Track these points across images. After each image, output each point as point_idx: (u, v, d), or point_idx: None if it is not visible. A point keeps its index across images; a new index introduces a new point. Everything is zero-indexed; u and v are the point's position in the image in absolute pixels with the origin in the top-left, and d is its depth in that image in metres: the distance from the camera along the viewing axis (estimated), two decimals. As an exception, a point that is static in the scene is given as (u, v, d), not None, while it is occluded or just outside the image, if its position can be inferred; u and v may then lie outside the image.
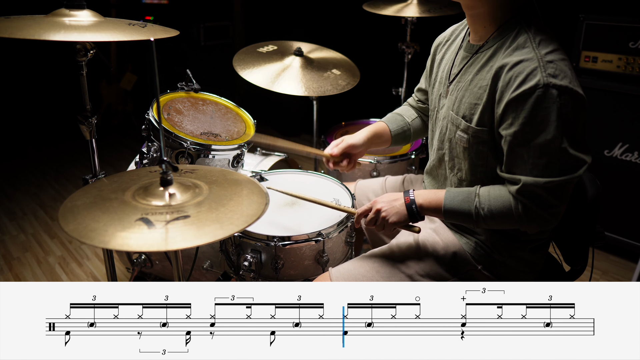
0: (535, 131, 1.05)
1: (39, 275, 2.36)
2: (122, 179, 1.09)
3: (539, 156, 1.06)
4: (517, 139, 1.07)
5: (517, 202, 1.11)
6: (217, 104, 1.87)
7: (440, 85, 1.34)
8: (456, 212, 1.19)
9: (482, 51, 1.19)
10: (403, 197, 1.25)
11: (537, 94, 1.03)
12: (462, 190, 1.20)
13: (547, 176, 1.06)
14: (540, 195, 1.08)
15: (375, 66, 3.33)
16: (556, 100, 1.02)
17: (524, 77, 1.05)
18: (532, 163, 1.07)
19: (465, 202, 1.17)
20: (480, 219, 1.15)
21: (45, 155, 3.84)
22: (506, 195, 1.13)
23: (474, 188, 1.18)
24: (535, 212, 1.10)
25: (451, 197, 1.20)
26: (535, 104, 1.03)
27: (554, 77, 1.03)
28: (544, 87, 1.02)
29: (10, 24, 1.06)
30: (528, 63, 1.06)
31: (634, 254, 2.41)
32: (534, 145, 1.05)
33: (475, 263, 1.29)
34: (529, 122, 1.05)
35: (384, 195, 1.29)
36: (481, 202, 1.15)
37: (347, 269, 1.32)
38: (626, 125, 2.29)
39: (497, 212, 1.13)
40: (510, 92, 1.07)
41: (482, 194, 1.16)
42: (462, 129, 1.20)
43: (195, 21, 4.30)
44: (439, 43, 1.45)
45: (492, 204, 1.14)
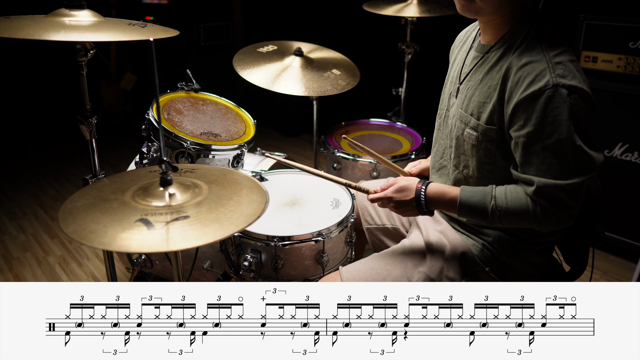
0: (548, 131, 1.04)
1: (39, 275, 2.36)
2: (122, 179, 1.08)
3: (554, 156, 1.06)
4: (530, 139, 1.07)
5: (535, 204, 1.10)
6: (217, 104, 1.87)
7: (452, 85, 1.35)
8: (472, 208, 1.18)
9: (492, 51, 1.20)
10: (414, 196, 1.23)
11: (547, 94, 1.03)
12: (478, 188, 1.20)
13: (564, 177, 1.06)
14: (560, 197, 1.08)
15: (375, 66, 3.33)
16: (566, 100, 1.02)
17: (532, 78, 1.05)
18: (548, 163, 1.07)
19: (482, 201, 1.17)
20: (496, 217, 1.15)
21: (45, 155, 3.84)
22: (524, 197, 1.12)
23: (490, 188, 1.18)
24: (553, 214, 1.10)
25: (468, 194, 1.19)
26: (546, 104, 1.03)
27: (562, 77, 1.03)
28: (554, 87, 1.03)
29: (10, 24, 1.06)
30: (537, 64, 1.06)
31: (634, 254, 2.41)
32: (548, 145, 1.05)
33: (482, 265, 1.29)
34: (541, 123, 1.05)
35: (399, 184, 1.26)
36: (498, 203, 1.15)
37: (358, 269, 1.32)
38: (626, 125, 2.28)
39: (513, 213, 1.13)
40: (519, 93, 1.07)
41: (499, 195, 1.15)
42: (471, 127, 1.21)
43: (195, 21, 4.30)
44: (454, 46, 1.46)
45: (510, 205, 1.13)
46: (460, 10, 1.19)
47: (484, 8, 1.14)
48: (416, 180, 1.26)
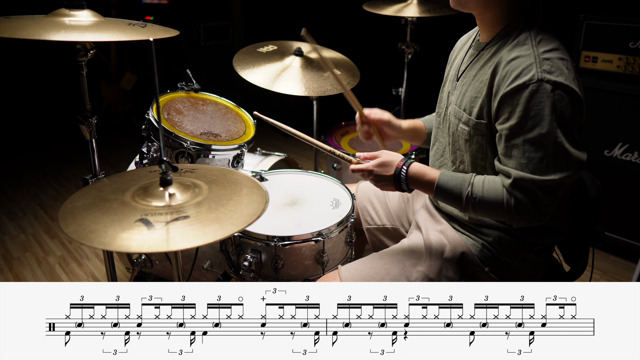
0: (530, 125, 1.06)
1: (39, 275, 2.36)
2: (122, 179, 1.08)
3: (535, 150, 1.07)
4: (512, 132, 1.09)
5: (510, 196, 1.11)
6: (217, 104, 1.87)
7: (450, 83, 1.36)
8: (448, 192, 1.19)
9: (487, 48, 1.22)
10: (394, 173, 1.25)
11: (530, 88, 1.05)
12: (458, 174, 1.21)
13: (542, 173, 1.06)
14: (534, 192, 1.08)
15: (375, 66, 3.33)
16: (550, 95, 1.03)
17: (519, 72, 1.07)
18: (527, 157, 1.08)
19: (459, 186, 1.18)
20: (470, 205, 1.16)
21: (45, 155, 3.84)
22: (500, 187, 1.13)
23: (470, 175, 1.19)
24: (526, 208, 1.10)
25: (446, 178, 1.21)
26: (529, 97, 1.05)
27: (548, 73, 1.05)
28: (538, 81, 1.04)
29: (10, 24, 1.06)
30: (524, 59, 1.08)
31: (634, 254, 2.41)
32: (529, 139, 1.06)
33: (481, 265, 1.29)
34: (523, 116, 1.06)
35: (382, 157, 1.27)
36: (474, 190, 1.16)
37: (357, 269, 1.32)
38: (626, 125, 2.29)
39: (487, 202, 1.14)
40: (505, 87, 1.09)
41: (476, 183, 1.17)
42: (463, 122, 1.22)
43: (195, 21, 4.30)
44: (455, 47, 1.47)
45: (485, 194, 1.14)
46: (451, 3, 1.23)
47: (469, 2, 1.18)
48: (399, 157, 1.27)
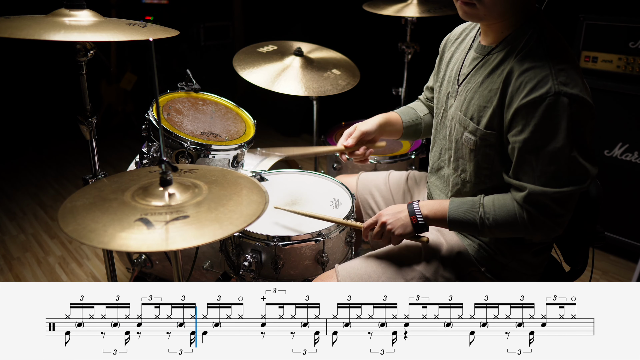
0: (545, 138, 1.04)
1: (39, 275, 2.36)
2: (122, 179, 1.09)
3: (548, 164, 1.05)
4: (526, 145, 1.07)
5: (522, 210, 1.11)
6: (217, 104, 1.87)
7: (449, 85, 1.33)
8: (461, 221, 1.19)
9: (493, 53, 1.18)
10: (407, 209, 1.24)
11: (548, 102, 1.02)
12: (466, 200, 1.20)
13: (554, 186, 1.06)
14: (547, 204, 1.08)
15: (375, 66, 3.33)
16: (567, 109, 1.01)
17: (534, 84, 1.04)
18: (541, 170, 1.07)
19: (470, 212, 1.17)
20: (486, 228, 1.15)
21: (45, 155, 3.84)
22: (511, 203, 1.13)
23: (478, 198, 1.18)
24: (541, 221, 1.10)
25: (455, 207, 1.19)
26: (546, 111, 1.03)
27: (565, 85, 1.02)
28: (555, 95, 1.02)
29: (10, 24, 1.06)
30: (539, 70, 1.05)
31: (634, 254, 2.41)
32: (544, 152, 1.05)
33: (478, 265, 1.29)
34: (539, 130, 1.04)
35: (389, 208, 1.28)
36: (486, 211, 1.15)
37: (353, 268, 1.32)
38: (626, 125, 2.28)
39: (502, 221, 1.13)
40: (520, 98, 1.06)
41: (487, 204, 1.16)
42: (469, 131, 1.20)
43: (195, 21, 4.30)
44: (447, 41, 1.43)
45: (497, 213, 1.14)
46: (462, 16, 1.17)
47: (487, 15, 1.12)
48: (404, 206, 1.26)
